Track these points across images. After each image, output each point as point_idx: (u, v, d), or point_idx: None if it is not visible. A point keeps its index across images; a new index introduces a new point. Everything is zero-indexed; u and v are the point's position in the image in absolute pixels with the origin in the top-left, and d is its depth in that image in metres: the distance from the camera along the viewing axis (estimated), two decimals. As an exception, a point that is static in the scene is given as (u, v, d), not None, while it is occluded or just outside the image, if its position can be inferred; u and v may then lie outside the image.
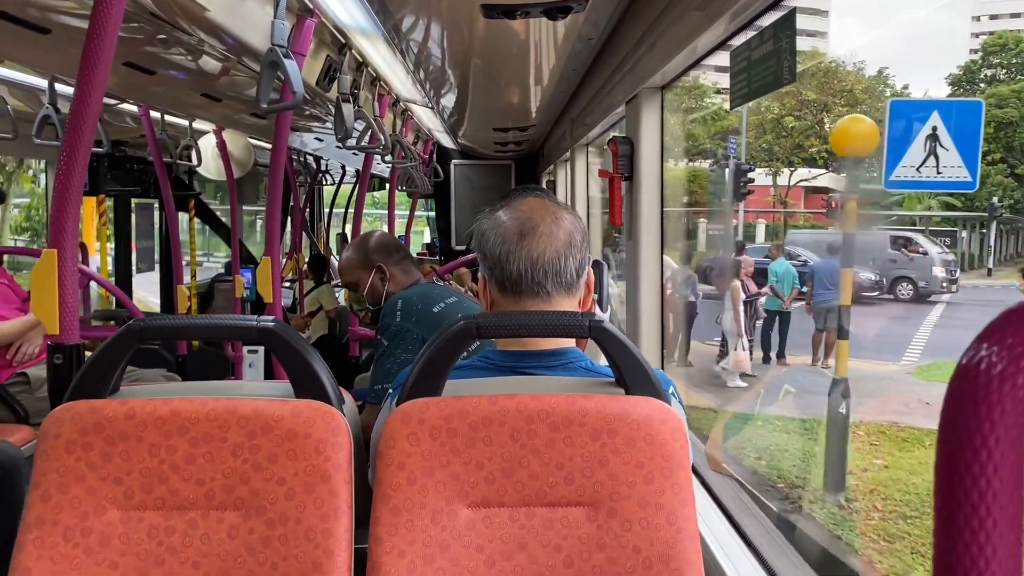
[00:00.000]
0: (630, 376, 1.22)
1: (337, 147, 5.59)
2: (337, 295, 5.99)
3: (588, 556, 1.17)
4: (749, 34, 1.58)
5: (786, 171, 28.76)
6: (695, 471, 1.82)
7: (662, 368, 2.29)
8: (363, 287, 2.45)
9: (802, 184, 29.26)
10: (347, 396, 1.39)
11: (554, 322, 1.24)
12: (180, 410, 1.23)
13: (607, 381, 1.27)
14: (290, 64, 1.80)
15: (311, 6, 2.19)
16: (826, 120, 28.38)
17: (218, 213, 6.69)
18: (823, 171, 28.26)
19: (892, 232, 18.47)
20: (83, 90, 1.43)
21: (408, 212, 7.28)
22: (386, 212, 5.98)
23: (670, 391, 1.33)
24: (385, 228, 6.00)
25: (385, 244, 2.51)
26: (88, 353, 1.51)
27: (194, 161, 4.14)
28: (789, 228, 26.73)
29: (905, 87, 31.81)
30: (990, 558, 0.43)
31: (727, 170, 15.25)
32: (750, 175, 15.24)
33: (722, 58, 1.80)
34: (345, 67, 2.73)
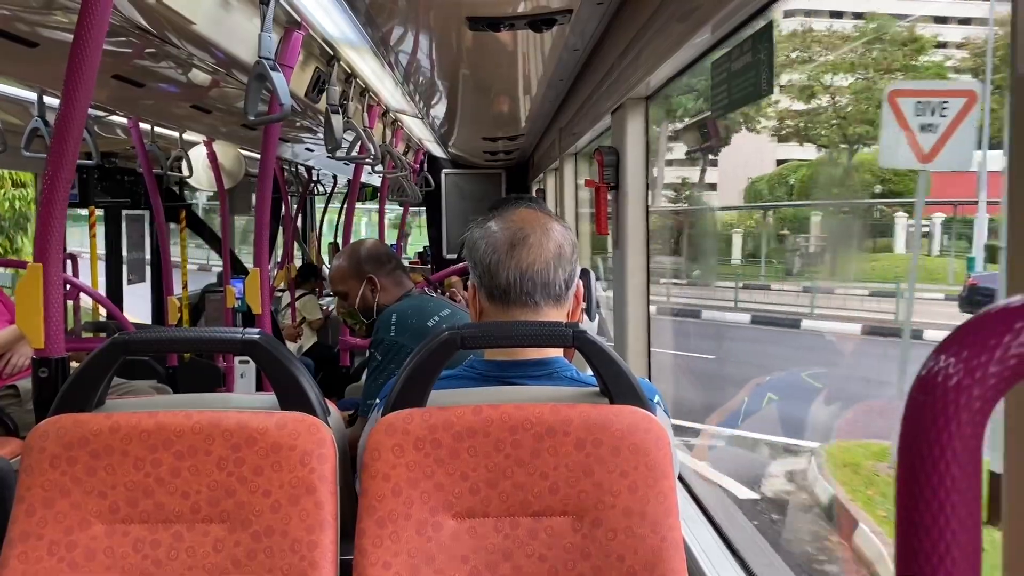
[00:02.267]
0: (614, 385, 1.23)
1: (328, 157, 5.60)
2: (323, 304, 5.99)
3: (573, 565, 1.18)
4: (731, 45, 1.60)
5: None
6: (681, 479, 1.83)
7: (648, 377, 2.29)
8: (353, 298, 2.41)
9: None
10: (333, 407, 1.39)
11: (537, 332, 1.24)
12: (165, 423, 1.23)
13: (591, 391, 1.28)
14: (277, 76, 1.81)
15: (298, 19, 2.20)
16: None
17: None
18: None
19: None
20: (68, 103, 1.44)
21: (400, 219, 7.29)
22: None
23: (655, 400, 1.33)
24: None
25: (376, 254, 2.46)
26: (75, 365, 1.51)
27: (185, 172, 4.14)
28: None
29: None
30: (951, 569, 0.44)
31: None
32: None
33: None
34: (334, 78, 2.74)
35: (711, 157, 27.61)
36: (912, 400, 0.45)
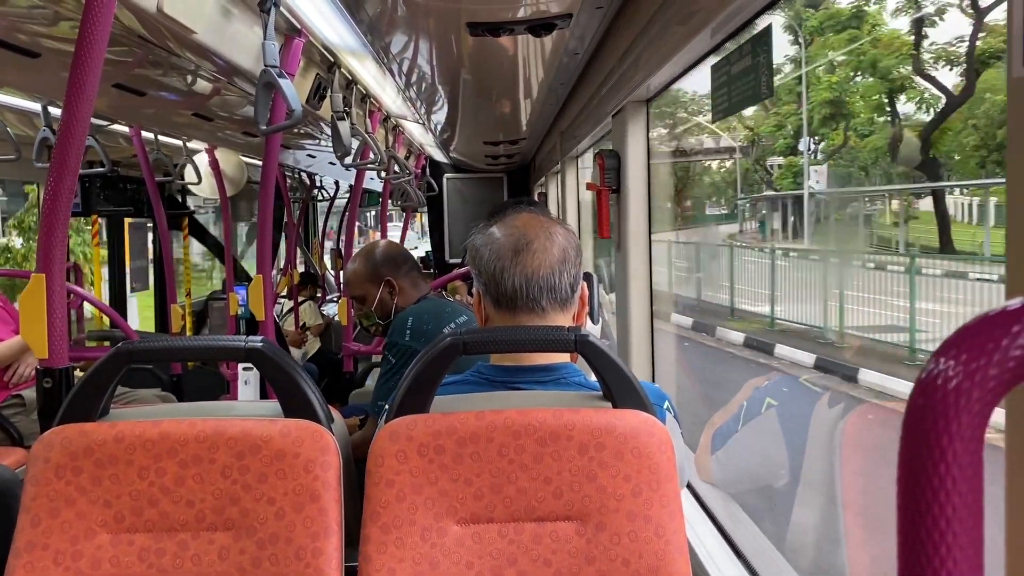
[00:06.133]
0: (616, 389, 1.23)
1: (331, 164, 5.61)
2: (324, 312, 6.00)
3: (578, 570, 1.17)
4: (731, 48, 1.60)
5: None
6: (688, 486, 1.83)
7: (653, 381, 2.29)
8: (371, 301, 2.39)
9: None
10: (336, 414, 1.39)
11: (540, 337, 1.24)
12: (169, 432, 1.23)
13: (594, 395, 1.27)
14: (285, 83, 1.81)
15: (299, 26, 2.20)
16: None
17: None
18: None
19: None
20: (70, 113, 1.44)
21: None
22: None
23: (664, 406, 1.33)
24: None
25: (393, 256, 2.43)
26: (80, 374, 1.51)
27: (193, 178, 4.13)
28: None
29: None
30: (952, 571, 0.44)
31: None
32: None
33: None
34: (335, 85, 2.75)
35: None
36: (912, 403, 0.45)
